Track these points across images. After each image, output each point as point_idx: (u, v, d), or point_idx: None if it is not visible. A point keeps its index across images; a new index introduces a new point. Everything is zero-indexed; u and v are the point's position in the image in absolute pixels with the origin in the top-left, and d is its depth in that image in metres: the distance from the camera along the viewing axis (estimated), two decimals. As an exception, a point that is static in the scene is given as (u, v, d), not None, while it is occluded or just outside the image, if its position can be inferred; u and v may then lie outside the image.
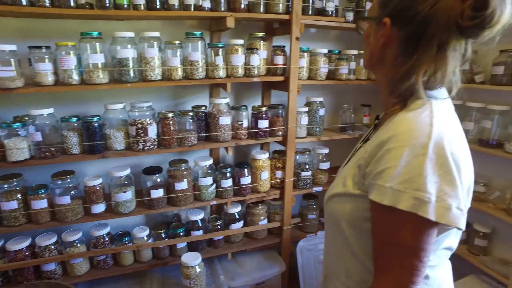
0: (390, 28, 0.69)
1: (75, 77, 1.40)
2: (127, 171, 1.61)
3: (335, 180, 0.84)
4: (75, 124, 1.50)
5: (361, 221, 0.71)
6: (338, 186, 0.78)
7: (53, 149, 1.44)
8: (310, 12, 1.75)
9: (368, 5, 1.84)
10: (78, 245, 1.60)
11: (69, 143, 1.47)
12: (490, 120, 1.75)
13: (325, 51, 1.84)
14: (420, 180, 0.59)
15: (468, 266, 1.93)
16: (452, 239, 0.73)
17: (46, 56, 1.36)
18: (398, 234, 0.62)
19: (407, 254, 0.62)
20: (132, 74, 1.47)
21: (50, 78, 1.38)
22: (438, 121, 0.63)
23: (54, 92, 1.57)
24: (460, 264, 1.95)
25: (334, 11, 1.81)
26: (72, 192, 1.54)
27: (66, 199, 1.49)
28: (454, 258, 0.83)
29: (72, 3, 1.33)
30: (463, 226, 0.61)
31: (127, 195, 1.59)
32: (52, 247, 1.55)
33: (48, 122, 1.45)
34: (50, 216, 1.52)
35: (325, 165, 2.01)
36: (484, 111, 1.80)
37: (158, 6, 1.46)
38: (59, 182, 1.51)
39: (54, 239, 1.56)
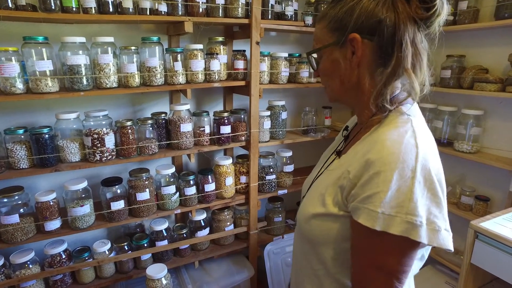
0: (362, 42, 0.67)
1: (19, 85, 1.29)
2: (84, 184, 1.52)
3: (309, 195, 0.80)
4: (22, 136, 1.40)
5: (342, 241, 0.71)
6: (316, 205, 0.74)
7: (-4, 164, 1.33)
8: (269, 16, 1.75)
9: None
10: (30, 266, 1.48)
11: (15, 157, 1.36)
12: (441, 120, 1.86)
13: (286, 54, 1.84)
14: (411, 204, 0.59)
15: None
16: (426, 250, 0.75)
17: (-19, 63, 1.24)
18: (383, 258, 0.63)
19: (389, 276, 0.63)
20: (85, 82, 1.38)
21: (-12, 87, 1.26)
22: (421, 141, 0.64)
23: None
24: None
25: (293, 15, 1.83)
26: (21, 209, 1.43)
27: (14, 218, 1.38)
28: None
29: (10, 4, 1.23)
30: (451, 247, 0.62)
31: (85, 209, 1.51)
32: (-2, 271, 1.42)
33: (-12, 135, 1.34)
34: (-4, 237, 1.40)
35: (289, 168, 2.03)
36: (435, 111, 1.91)
37: (111, 10, 1.39)
38: (5, 200, 1.39)
39: (0, 262, 1.43)
